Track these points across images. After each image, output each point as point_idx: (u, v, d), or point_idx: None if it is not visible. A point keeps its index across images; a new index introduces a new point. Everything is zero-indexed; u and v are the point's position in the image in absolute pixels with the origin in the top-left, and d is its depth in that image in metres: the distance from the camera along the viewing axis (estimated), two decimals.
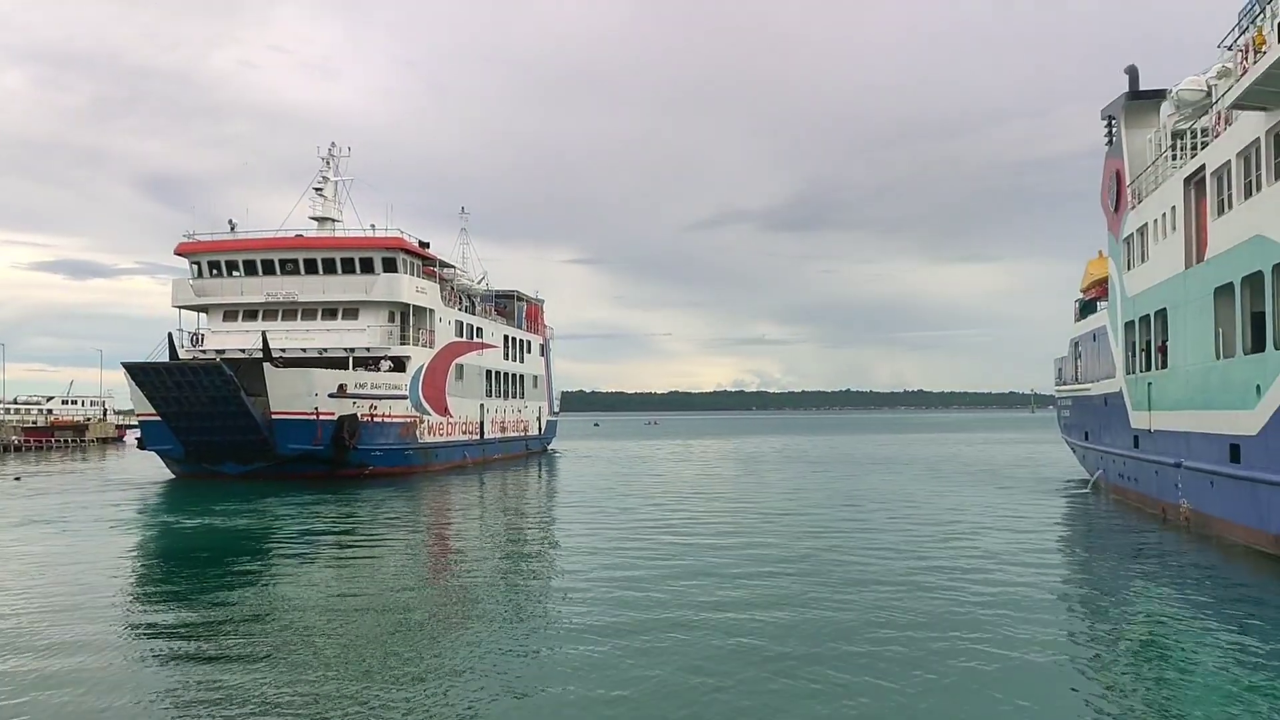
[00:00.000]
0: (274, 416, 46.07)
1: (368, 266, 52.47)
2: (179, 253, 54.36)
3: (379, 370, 51.02)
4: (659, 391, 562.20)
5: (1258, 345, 22.62)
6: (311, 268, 52.70)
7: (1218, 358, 24.89)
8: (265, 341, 47.13)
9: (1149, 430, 30.84)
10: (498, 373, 66.26)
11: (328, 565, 22.36)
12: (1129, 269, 34.05)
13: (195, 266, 54.06)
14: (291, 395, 46.09)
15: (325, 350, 51.09)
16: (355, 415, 47.54)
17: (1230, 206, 24.16)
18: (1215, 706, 11.32)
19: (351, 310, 52.77)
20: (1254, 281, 22.70)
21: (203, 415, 44.95)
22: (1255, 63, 20.46)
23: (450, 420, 57.35)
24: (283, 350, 49.54)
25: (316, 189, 57.31)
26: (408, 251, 53.81)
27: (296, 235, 54.38)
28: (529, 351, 74.39)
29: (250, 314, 53.36)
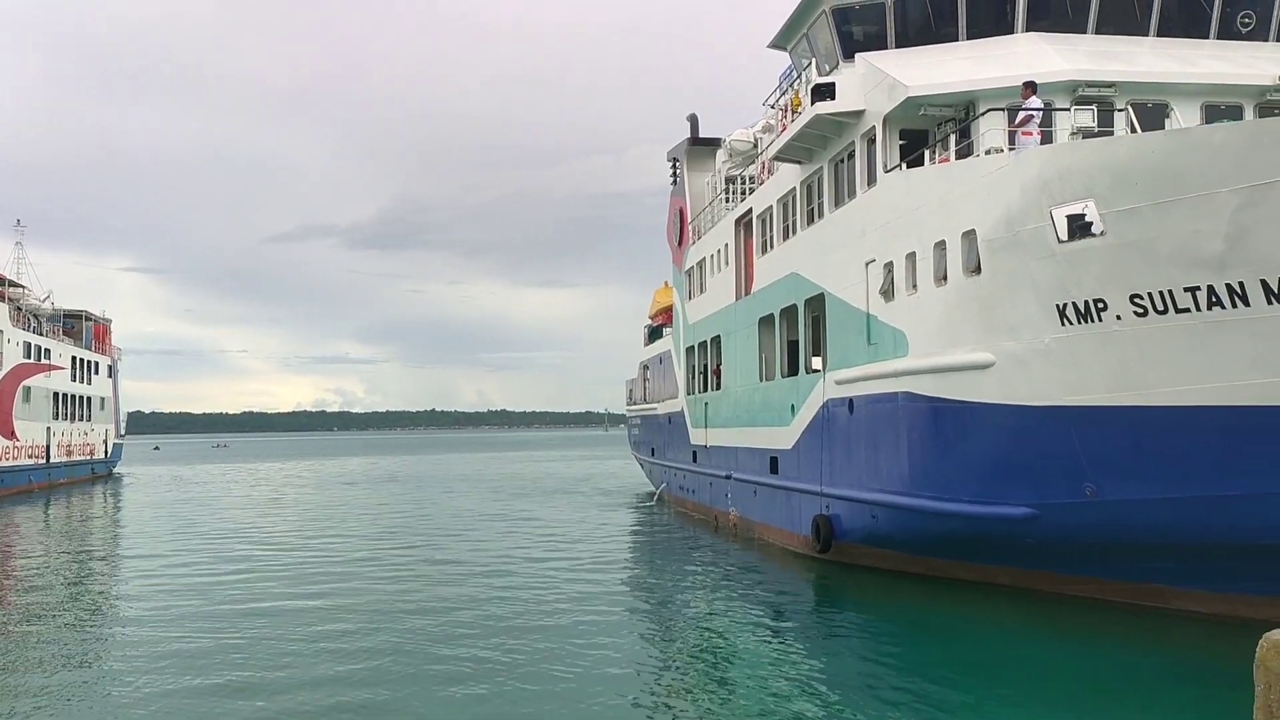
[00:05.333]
0: None
1: None
2: None
3: None
4: (231, 412, 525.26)
5: (793, 370, 25.74)
6: None
7: (761, 380, 27.96)
8: None
9: (705, 446, 33.89)
10: (65, 395, 63.95)
11: None
12: (690, 299, 37.29)
13: None
14: None
15: None
16: None
17: (772, 246, 27.30)
18: (751, 688, 12.60)
19: None
20: (790, 313, 25.83)
21: None
22: (793, 121, 23.31)
23: (17, 444, 54.92)
24: None
25: None
26: None
27: None
28: (96, 373, 71.80)
29: None
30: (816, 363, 23.99)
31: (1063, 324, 15.31)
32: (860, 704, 11.95)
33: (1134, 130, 17.02)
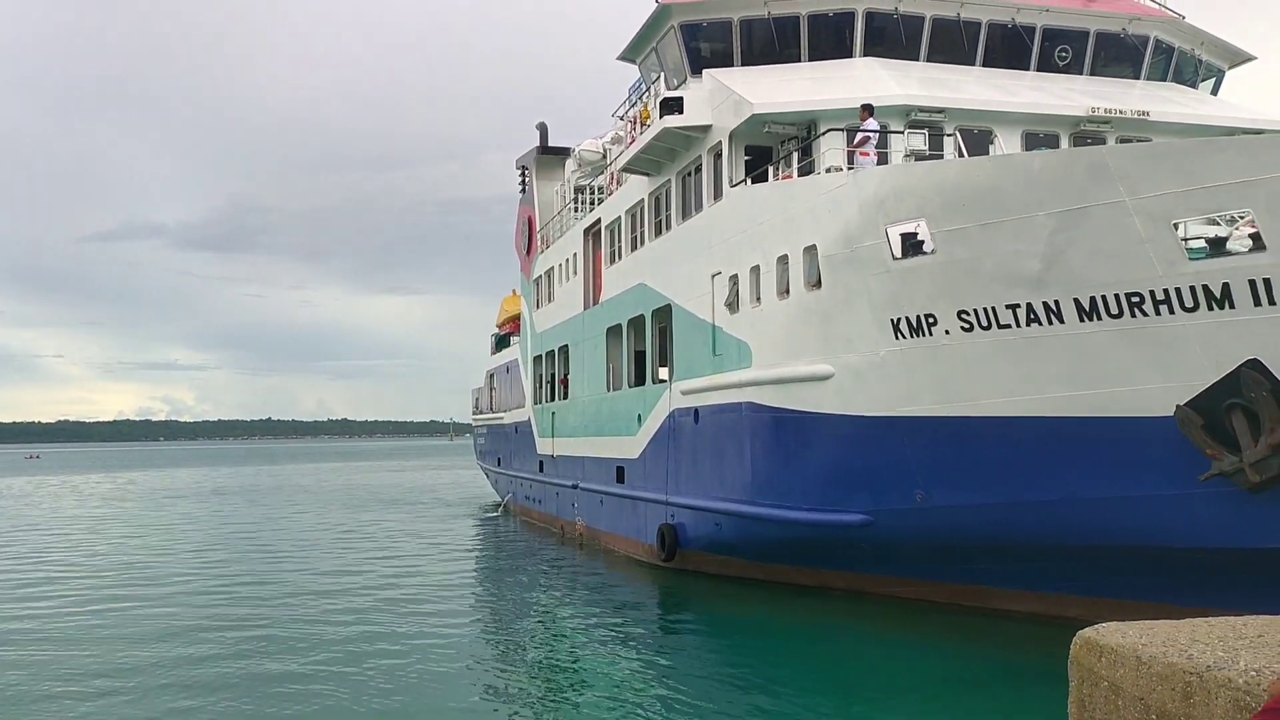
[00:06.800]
0: None
1: None
2: None
3: None
4: (45, 421, 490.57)
5: (640, 380, 25.98)
6: None
7: (609, 390, 28.09)
8: None
9: (552, 456, 33.78)
10: None
11: None
12: (538, 308, 37.17)
13: None
14: None
15: None
16: None
17: (620, 257, 27.51)
18: (594, 697, 12.61)
19: None
20: (637, 324, 26.07)
21: None
22: (641, 134, 23.56)
23: None
24: None
25: None
26: None
27: None
28: None
29: None
30: (663, 373, 24.27)
31: (897, 337, 15.96)
32: (701, 708, 12.11)
33: (961, 154, 17.94)
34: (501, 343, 46.68)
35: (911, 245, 15.45)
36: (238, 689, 13.21)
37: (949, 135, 18.76)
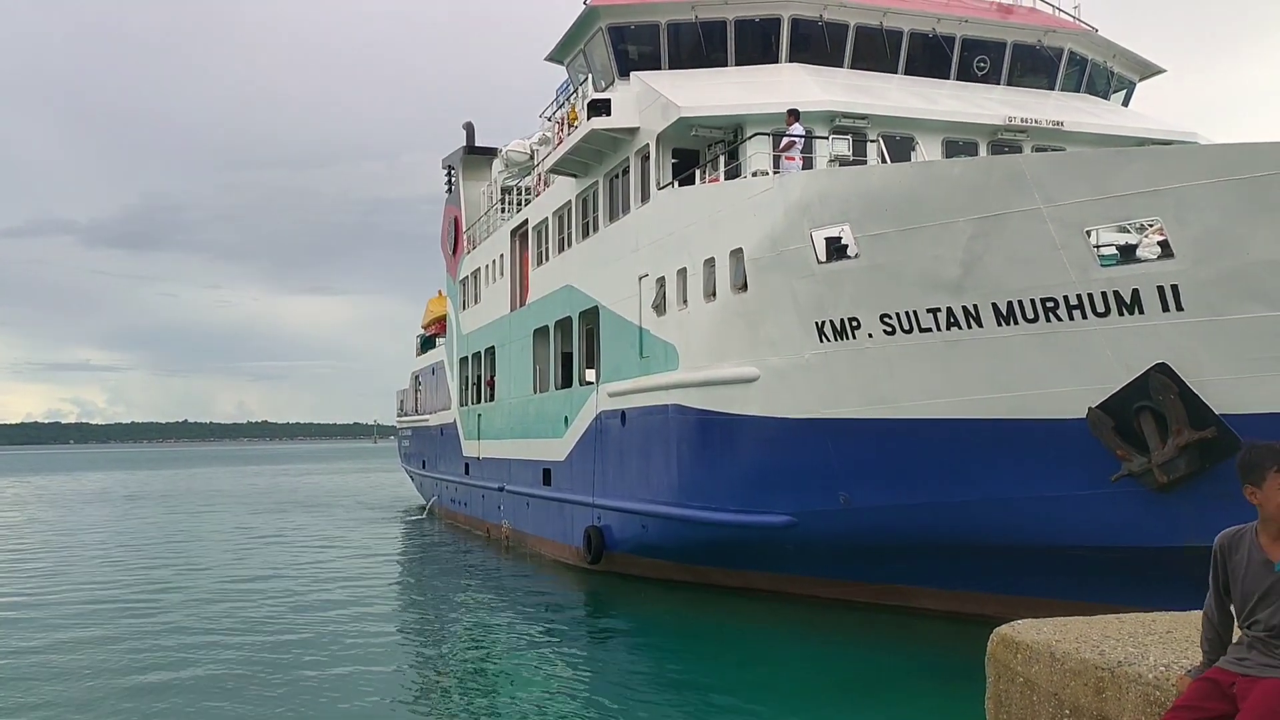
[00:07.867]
0: None
1: None
2: None
3: None
4: None
5: (567, 382, 25.89)
6: None
7: (535, 392, 27.95)
8: None
9: (478, 458, 33.49)
10: None
11: None
12: (465, 309, 36.82)
13: None
14: None
15: None
16: None
17: (547, 258, 27.38)
18: (517, 702, 12.52)
19: None
20: (565, 325, 25.97)
21: None
22: (569, 135, 23.48)
23: None
24: None
25: None
26: None
27: None
28: None
29: None
30: (590, 375, 24.21)
31: (821, 340, 16.13)
32: (624, 710, 12.09)
33: (884, 160, 18.22)
34: (427, 344, 46.12)
35: (836, 249, 15.63)
36: (152, 697, 12.81)
37: (872, 141, 19.06)
